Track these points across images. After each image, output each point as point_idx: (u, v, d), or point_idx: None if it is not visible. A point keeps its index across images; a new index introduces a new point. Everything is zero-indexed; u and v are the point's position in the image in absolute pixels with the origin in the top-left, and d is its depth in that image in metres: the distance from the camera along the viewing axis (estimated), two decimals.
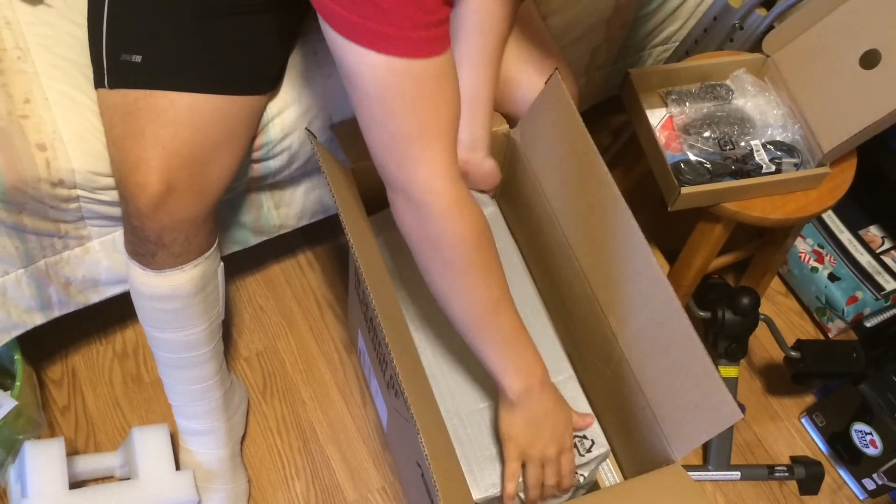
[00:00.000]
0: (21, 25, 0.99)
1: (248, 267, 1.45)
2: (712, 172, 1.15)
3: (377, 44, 0.74)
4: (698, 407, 0.86)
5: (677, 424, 0.90)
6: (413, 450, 1.04)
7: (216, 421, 1.19)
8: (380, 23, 0.73)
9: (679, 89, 1.23)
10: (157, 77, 0.93)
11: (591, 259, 0.99)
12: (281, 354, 1.38)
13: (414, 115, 0.78)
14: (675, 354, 0.87)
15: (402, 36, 0.74)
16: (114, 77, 0.94)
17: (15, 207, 0.95)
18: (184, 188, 0.93)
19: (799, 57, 1.19)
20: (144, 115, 0.92)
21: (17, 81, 0.96)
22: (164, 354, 1.10)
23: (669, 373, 0.89)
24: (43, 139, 0.95)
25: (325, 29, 0.78)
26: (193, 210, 0.96)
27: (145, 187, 0.91)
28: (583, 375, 1.04)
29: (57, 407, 1.29)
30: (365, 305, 1.14)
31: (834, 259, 1.49)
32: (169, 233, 0.95)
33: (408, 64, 0.75)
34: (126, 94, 0.93)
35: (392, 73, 0.76)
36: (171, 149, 0.92)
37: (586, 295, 1.00)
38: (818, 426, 1.41)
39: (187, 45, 0.95)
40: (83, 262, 1.08)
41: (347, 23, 0.74)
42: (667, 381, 0.90)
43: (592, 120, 1.72)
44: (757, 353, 1.50)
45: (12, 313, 1.06)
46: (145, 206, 0.92)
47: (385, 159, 0.81)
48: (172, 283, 0.99)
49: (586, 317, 1.02)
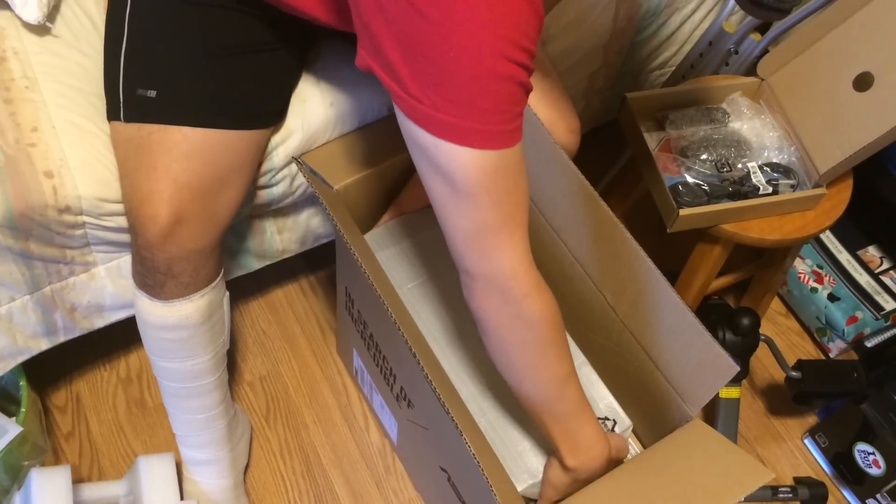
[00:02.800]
0: (29, 55, 1.01)
1: (251, 291, 1.46)
2: (710, 194, 1.16)
3: (470, 140, 0.74)
4: (699, 364, 0.90)
5: (687, 381, 0.93)
6: (437, 455, 1.05)
7: (220, 451, 1.19)
8: (477, 121, 0.73)
9: (676, 113, 1.25)
10: (170, 112, 0.95)
11: (576, 240, 1.03)
12: (284, 378, 1.39)
13: (500, 209, 0.78)
14: (668, 321, 0.92)
15: (496, 131, 0.74)
16: (129, 111, 0.96)
17: (22, 234, 0.97)
18: (193, 219, 0.95)
19: (793, 80, 1.21)
20: (157, 149, 0.94)
21: (25, 110, 0.98)
22: (169, 384, 1.11)
23: (667, 337, 0.93)
24: (50, 166, 0.96)
25: (405, 123, 0.76)
26: (202, 240, 0.97)
27: (155, 219, 0.93)
28: (590, 356, 1.07)
29: (61, 433, 1.29)
30: (363, 324, 1.15)
31: (833, 279, 1.50)
32: (178, 263, 0.96)
33: (497, 157, 0.75)
34: (140, 128, 0.95)
35: (482, 169, 0.75)
36: (181, 181, 0.94)
37: (579, 275, 1.04)
38: (821, 446, 1.41)
39: (200, 83, 0.97)
40: (88, 287, 1.09)
41: (438, 121, 0.73)
42: (667, 345, 0.94)
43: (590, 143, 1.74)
44: (758, 374, 1.50)
45: (18, 339, 1.07)
46: (155, 238, 0.94)
47: (466, 249, 0.81)
48: (180, 312, 1.00)
49: (583, 295, 1.05)
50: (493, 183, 0.77)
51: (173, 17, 0.98)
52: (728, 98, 1.26)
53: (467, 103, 0.72)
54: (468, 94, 0.72)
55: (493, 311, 0.84)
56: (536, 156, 1.03)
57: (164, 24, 0.98)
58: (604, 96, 1.47)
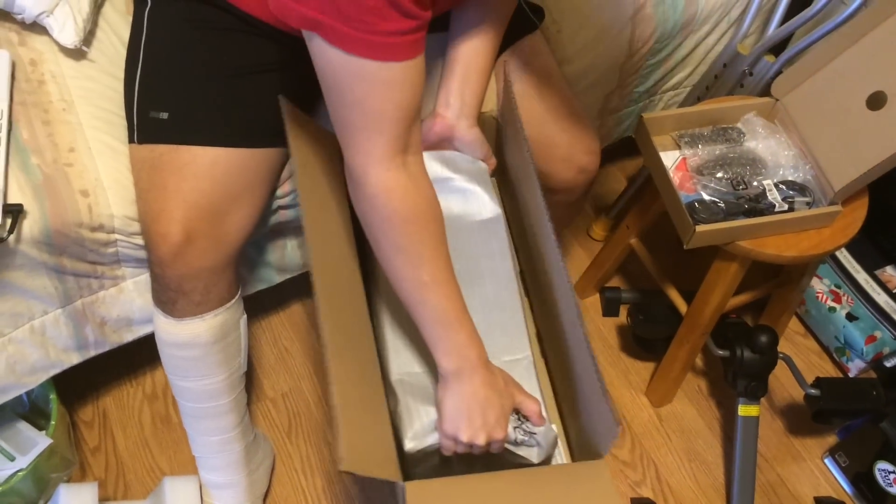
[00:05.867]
0: (66, 79, 1.05)
1: (273, 308, 1.49)
2: (726, 211, 1.18)
3: (331, 37, 0.79)
4: (597, 408, 0.88)
5: (598, 424, 0.89)
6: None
7: (236, 474, 1.20)
8: (340, 22, 0.78)
9: (691, 132, 1.27)
10: (181, 132, 0.98)
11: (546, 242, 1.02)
12: (306, 395, 1.41)
13: (359, 110, 0.83)
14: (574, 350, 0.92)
15: (362, 39, 0.79)
16: (142, 133, 1.00)
17: (57, 250, 1.00)
18: (203, 238, 0.98)
19: (808, 100, 1.23)
20: (168, 169, 0.97)
21: (63, 131, 1.02)
22: (186, 404, 1.13)
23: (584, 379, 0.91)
24: (86, 185, 1.00)
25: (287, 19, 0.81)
26: (212, 259, 1.00)
27: (166, 237, 0.96)
28: (554, 359, 1.04)
29: (88, 447, 1.32)
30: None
31: (851, 299, 1.50)
32: (188, 281, 0.99)
33: (360, 64, 0.80)
34: (153, 150, 0.99)
35: (345, 71, 0.81)
36: (191, 201, 0.97)
37: (549, 280, 1.02)
38: (841, 466, 1.41)
39: (210, 103, 1.00)
40: (118, 301, 1.12)
41: (305, 17, 0.78)
42: (586, 386, 0.91)
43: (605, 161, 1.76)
44: (777, 393, 1.50)
45: (50, 352, 1.10)
46: (166, 255, 0.97)
47: (338, 136, 0.88)
48: (192, 331, 1.03)
49: (550, 303, 1.03)
50: (356, 86, 0.81)
51: (184, 41, 1.01)
52: (743, 118, 1.28)
53: (334, 6, 0.76)
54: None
55: (353, 201, 0.90)
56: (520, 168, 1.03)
57: (175, 48, 1.02)
58: (619, 116, 1.49)
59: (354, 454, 0.79)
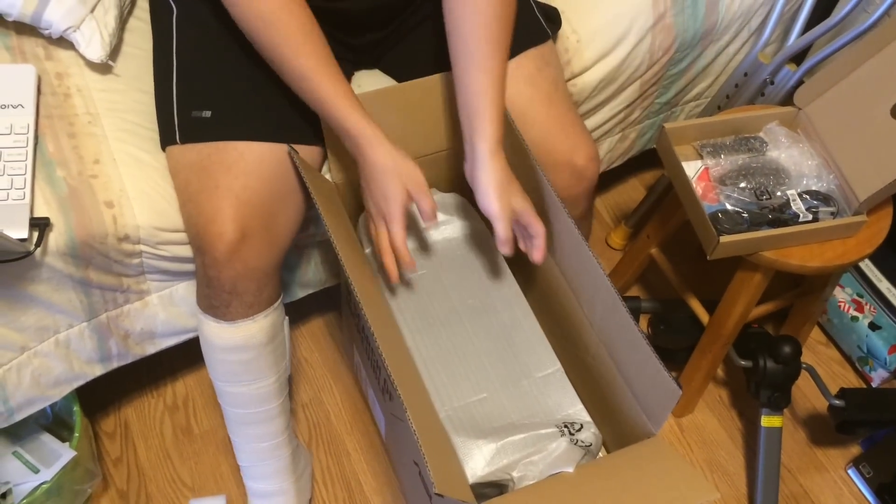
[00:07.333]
0: (91, 92, 1.06)
1: (293, 320, 1.49)
2: (750, 222, 1.17)
3: None
4: (653, 384, 0.93)
5: (649, 399, 0.95)
6: (410, 449, 1.05)
7: (285, 481, 1.20)
8: None
9: (713, 142, 1.27)
10: (225, 129, 0.99)
11: (560, 252, 1.07)
12: (325, 406, 1.41)
13: None
14: (625, 338, 0.96)
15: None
16: (185, 133, 1.01)
17: (83, 262, 1.00)
18: (256, 236, 0.98)
19: (830, 109, 1.22)
20: (217, 169, 0.98)
21: (88, 143, 1.02)
22: (234, 410, 1.13)
23: (628, 354, 0.96)
24: (111, 197, 1.00)
25: None
26: (265, 258, 1.00)
27: (222, 235, 0.96)
28: (570, 368, 1.09)
29: (110, 458, 1.32)
30: (357, 317, 1.16)
31: (874, 308, 1.49)
32: (243, 281, 0.99)
33: None
34: (199, 151, 0.99)
35: None
36: (243, 199, 0.97)
37: (563, 289, 1.08)
38: (865, 477, 1.40)
39: (252, 98, 1.01)
40: (142, 315, 1.12)
41: None
42: (630, 362, 0.97)
43: (626, 171, 1.77)
44: (800, 404, 1.49)
45: (74, 365, 1.10)
46: (222, 255, 0.97)
47: None
48: (246, 332, 1.03)
49: (566, 309, 1.08)
50: None
51: (218, 44, 1.02)
52: (765, 127, 1.28)
53: None
54: None
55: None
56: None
57: (209, 48, 1.03)
58: (640, 127, 1.49)
59: (441, 476, 0.83)
